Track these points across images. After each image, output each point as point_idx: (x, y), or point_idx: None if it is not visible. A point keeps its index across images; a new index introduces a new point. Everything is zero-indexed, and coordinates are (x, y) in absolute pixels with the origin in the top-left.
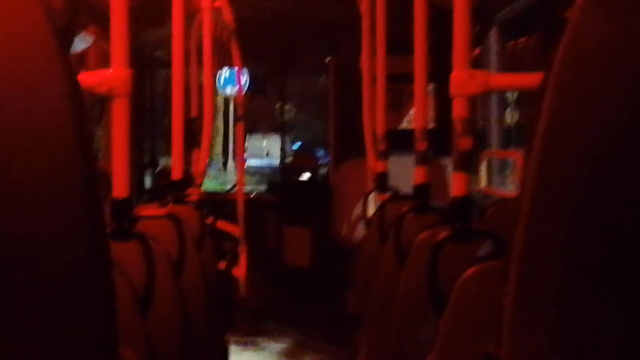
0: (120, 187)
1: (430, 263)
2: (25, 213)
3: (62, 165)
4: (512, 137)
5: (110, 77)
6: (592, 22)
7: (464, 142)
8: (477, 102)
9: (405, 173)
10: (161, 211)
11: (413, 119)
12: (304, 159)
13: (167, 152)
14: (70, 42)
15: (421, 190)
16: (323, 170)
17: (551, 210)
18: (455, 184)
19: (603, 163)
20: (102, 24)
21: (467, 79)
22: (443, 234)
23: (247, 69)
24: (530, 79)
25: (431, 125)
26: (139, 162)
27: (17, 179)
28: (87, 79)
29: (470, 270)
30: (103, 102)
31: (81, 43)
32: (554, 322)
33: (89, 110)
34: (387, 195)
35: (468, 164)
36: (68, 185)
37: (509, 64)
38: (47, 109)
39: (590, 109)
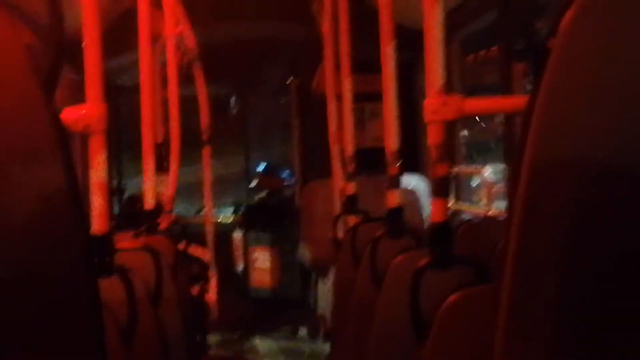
0: (100, 223)
1: (412, 290)
2: (21, 254)
3: (54, 205)
4: (471, 151)
5: (86, 115)
6: (576, 49)
7: (440, 168)
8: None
9: (369, 193)
10: (136, 242)
11: (378, 137)
12: (269, 180)
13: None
14: (54, 88)
15: (394, 214)
16: (289, 191)
17: (541, 240)
18: (434, 210)
19: (591, 189)
20: (69, 55)
21: (441, 105)
22: (424, 260)
23: (210, 91)
24: (504, 103)
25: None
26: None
27: (12, 224)
28: (63, 116)
29: (453, 297)
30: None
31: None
32: (547, 354)
33: None
34: (358, 217)
35: (446, 190)
36: (61, 228)
37: (470, 77)
38: (35, 151)
39: (577, 133)
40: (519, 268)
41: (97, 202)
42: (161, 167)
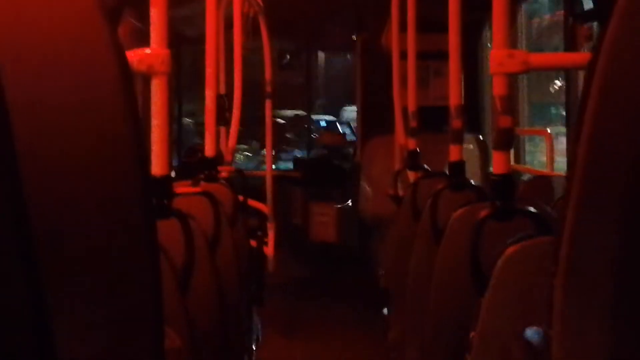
0: (160, 165)
1: (472, 241)
2: (81, 192)
3: (115, 142)
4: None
5: (150, 56)
6: None
7: (503, 120)
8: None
9: (430, 151)
10: (196, 188)
11: (441, 96)
12: (330, 135)
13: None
14: (118, 20)
15: (456, 168)
16: (350, 147)
17: (603, 190)
18: (496, 163)
19: None
20: (133, 2)
21: (506, 58)
22: (484, 212)
23: (274, 45)
24: (569, 58)
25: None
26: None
27: (73, 157)
28: (128, 56)
29: (513, 248)
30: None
31: None
32: (606, 303)
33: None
34: (419, 172)
35: (508, 143)
36: (121, 164)
37: (535, 42)
38: (99, 86)
39: None
40: (580, 222)
41: (158, 144)
42: (223, 118)
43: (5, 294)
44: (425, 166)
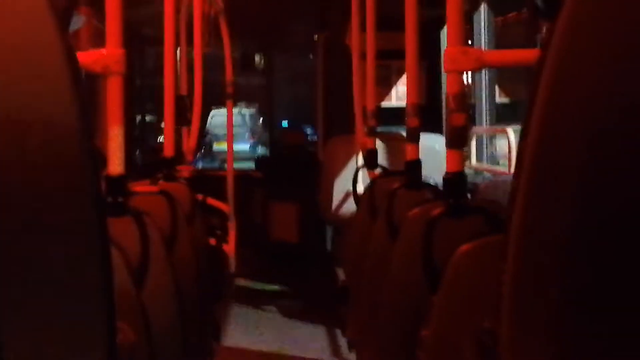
0: (115, 164)
1: (425, 238)
2: (29, 189)
3: (63, 142)
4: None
5: (105, 56)
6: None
7: (457, 118)
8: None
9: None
10: (153, 187)
11: (404, 96)
12: (292, 135)
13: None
14: (69, 21)
15: (412, 167)
16: (311, 146)
17: (550, 187)
18: (449, 161)
19: (603, 140)
20: (93, 3)
21: (460, 55)
22: (437, 210)
23: (235, 46)
24: (523, 56)
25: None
26: (129, 139)
27: (22, 157)
28: (82, 57)
29: (465, 246)
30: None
31: (74, 23)
32: (554, 299)
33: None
34: (377, 171)
35: (462, 141)
36: (69, 162)
37: (498, 40)
38: (48, 86)
39: (589, 86)
40: (527, 219)
41: (113, 143)
42: (185, 119)
43: None
44: (383, 165)
